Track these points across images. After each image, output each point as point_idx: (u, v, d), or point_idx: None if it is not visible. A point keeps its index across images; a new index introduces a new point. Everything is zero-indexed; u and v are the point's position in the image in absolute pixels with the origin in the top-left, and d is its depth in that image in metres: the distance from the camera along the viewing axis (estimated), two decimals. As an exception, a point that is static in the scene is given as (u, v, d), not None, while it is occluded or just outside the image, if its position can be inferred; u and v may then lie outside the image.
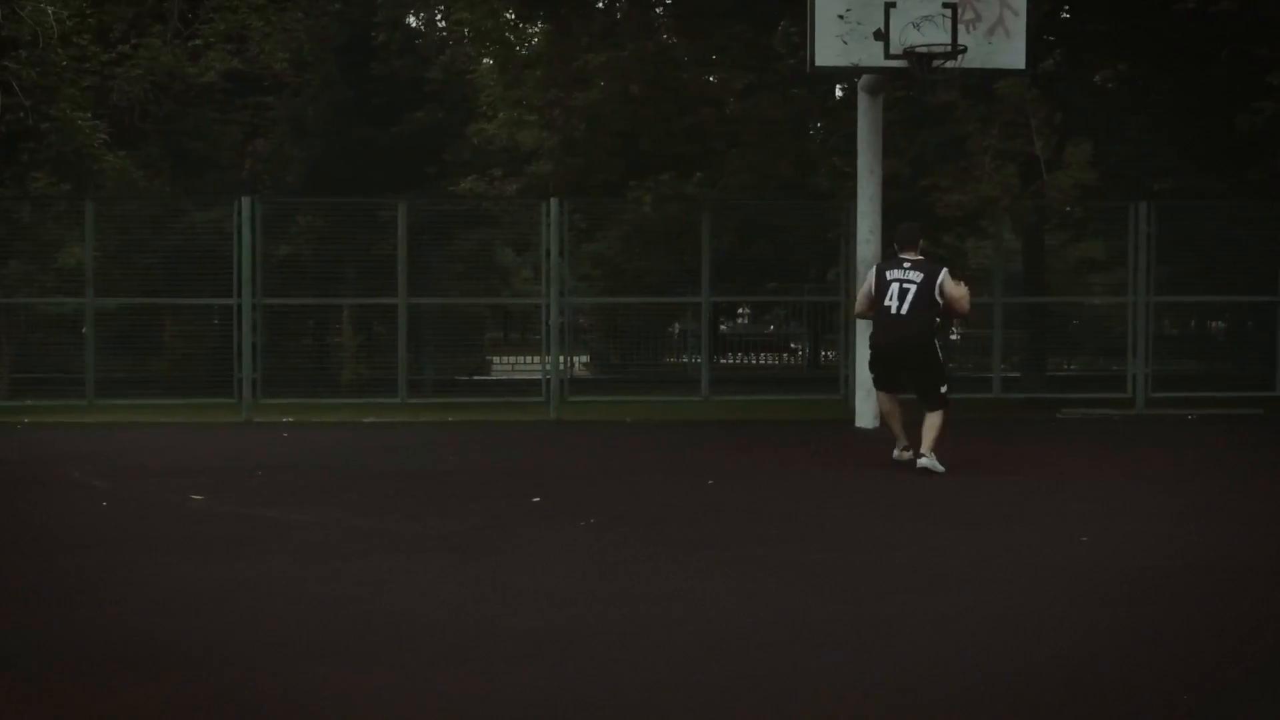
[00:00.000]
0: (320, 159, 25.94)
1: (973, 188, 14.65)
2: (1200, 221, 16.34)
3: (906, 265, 10.45)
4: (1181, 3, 14.73)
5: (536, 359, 17.13)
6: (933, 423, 10.28)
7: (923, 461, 10.19)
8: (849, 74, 13.16)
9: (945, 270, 10.47)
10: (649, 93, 15.23)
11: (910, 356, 10.50)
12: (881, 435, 13.04)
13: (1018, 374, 17.40)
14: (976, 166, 14.77)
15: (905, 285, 10.37)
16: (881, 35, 12.73)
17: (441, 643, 5.14)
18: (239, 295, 16.12)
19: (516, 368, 30.89)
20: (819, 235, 15.81)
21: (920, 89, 12.96)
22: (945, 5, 12.78)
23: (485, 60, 16.83)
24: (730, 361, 22.06)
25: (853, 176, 14.71)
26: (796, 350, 26.54)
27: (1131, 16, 16.68)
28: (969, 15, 12.84)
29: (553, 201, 15.63)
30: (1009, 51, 12.91)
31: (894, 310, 10.37)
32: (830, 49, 12.68)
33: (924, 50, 12.62)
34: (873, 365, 10.93)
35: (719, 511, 8.42)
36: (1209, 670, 4.87)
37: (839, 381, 16.29)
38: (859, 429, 14.13)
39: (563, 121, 15.67)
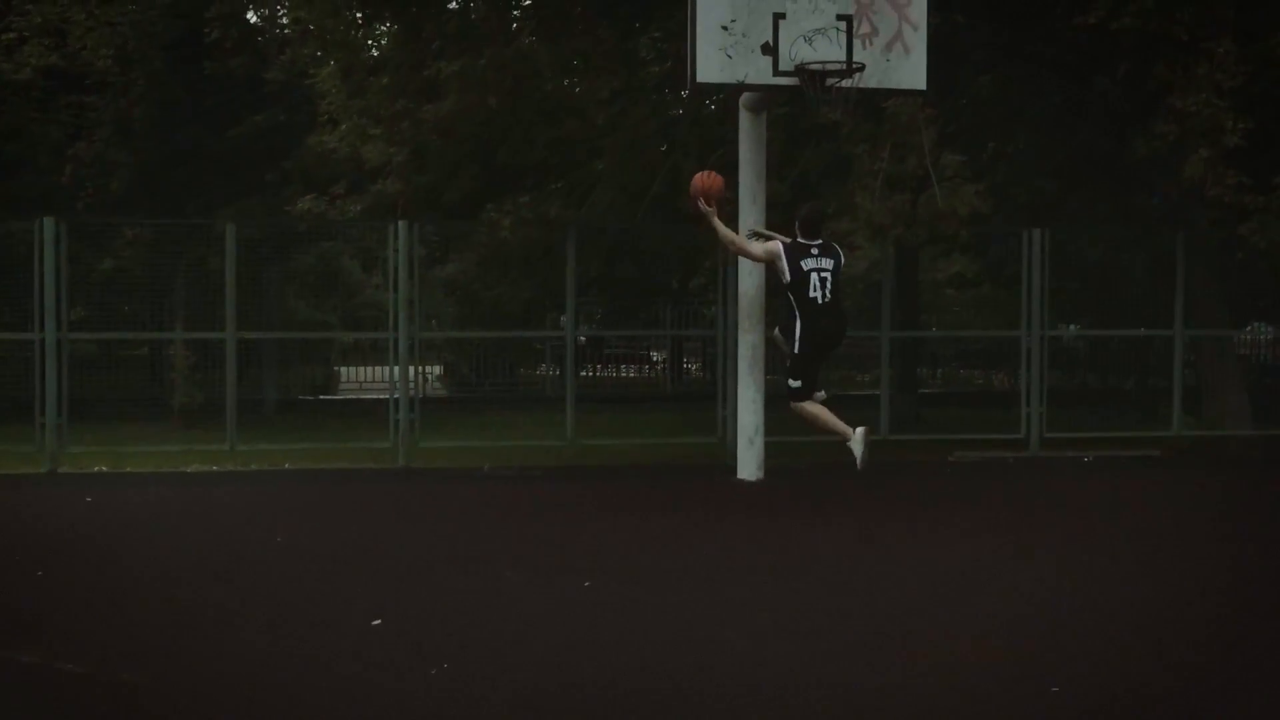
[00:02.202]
0: (148, 164, 23.92)
1: (861, 213, 13.43)
2: (1093, 250, 15.39)
3: (815, 252, 10.40)
4: (1081, 17, 13.70)
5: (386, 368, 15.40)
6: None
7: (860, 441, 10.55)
8: (733, 91, 11.76)
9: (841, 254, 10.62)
10: (508, 103, 13.72)
11: (838, 344, 10.94)
12: (766, 491, 11.88)
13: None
14: (864, 191, 13.55)
15: (823, 274, 10.36)
16: (770, 49, 11.40)
17: None
18: (40, 329, 14.17)
19: (364, 386, 29.24)
20: (694, 261, 14.52)
21: (813, 108, 11.63)
22: (839, 18, 11.50)
23: (328, 63, 15.07)
24: (589, 373, 20.51)
25: (732, 198, 13.40)
26: (658, 363, 25.22)
27: (1022, 28, 15.67)
28: (865, 29, 11.58)
29: (401, 224, 14.05)
30: (907, 69, 11.67)
31: (820, 300, 10.33)
32: (713, 63, 11.32)
33: (817, 67, 11.31)
34: (810, 364, 10.57)
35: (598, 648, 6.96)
36: None
37: (716, 422, 14.94)
38: (741, 481, 12.81)
39: (412, 134, 14.07)
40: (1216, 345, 15.84)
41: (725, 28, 11.33)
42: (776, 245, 10.66)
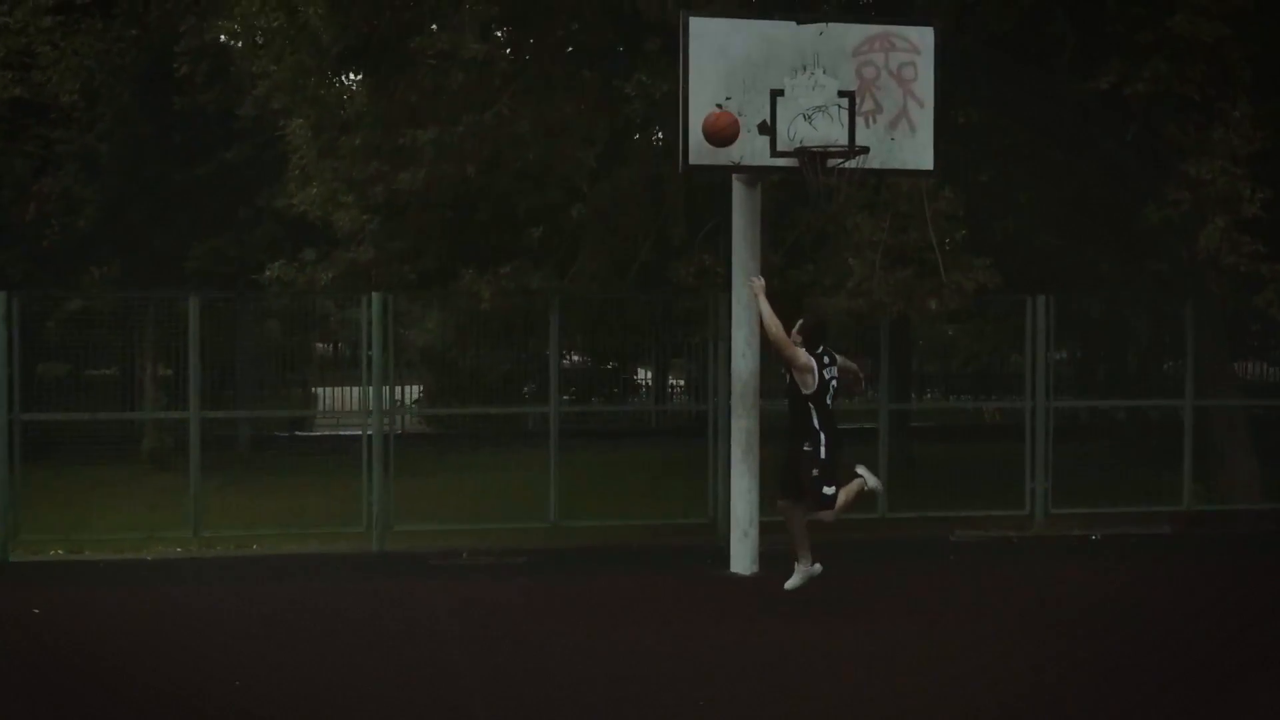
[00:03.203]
0: (116, 200, 23.13)
1: (860, 287, 12.75)
2: (1101, 317, 14.73)
3: (827, 361, 10.15)
4: (1091, 81, 13.02)
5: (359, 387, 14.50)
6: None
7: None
8: (727, 172, 11.04)
9: None
10: (488, 170, 13.00)
11: None
12: (761, 587, 11.32)
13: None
14: (863, 264, 12.86)
15: (833, 381, 10.20)
16: (768, 128, 10.70)
17: None
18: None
19: (342, 421, 28.40)
20: (683, 333, 13.85)
21: (813, 198, 10.92)
22: (841, 94, 10.80)
23: (296, 119, 14.29)
24: (571, 402, 19.63)
25: (723, 271, 12.75)
26: (640, 388, 24.47)
27: (1029, 89, 15.01)
28: (868, 106, 10.88)
29: (375, 296, 13.31)
30: (913, 149, 10.99)
31: (831, 406, 10.17)
32: (705, 144, 10.59)
33: (818, 149, 10.61)
34: (837, 469, 10.15)
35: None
36: None
37: (706, 502, 14.22)
38: (734, 575, 12.12)
39: (385, 199, 13.33)
40: (1226, 415, 15.20)
41: (720, 106, 10.61)
42: (811, 360, 10.04)
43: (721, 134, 10.39)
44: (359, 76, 13.39)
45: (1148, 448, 15.43)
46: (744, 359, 12.14)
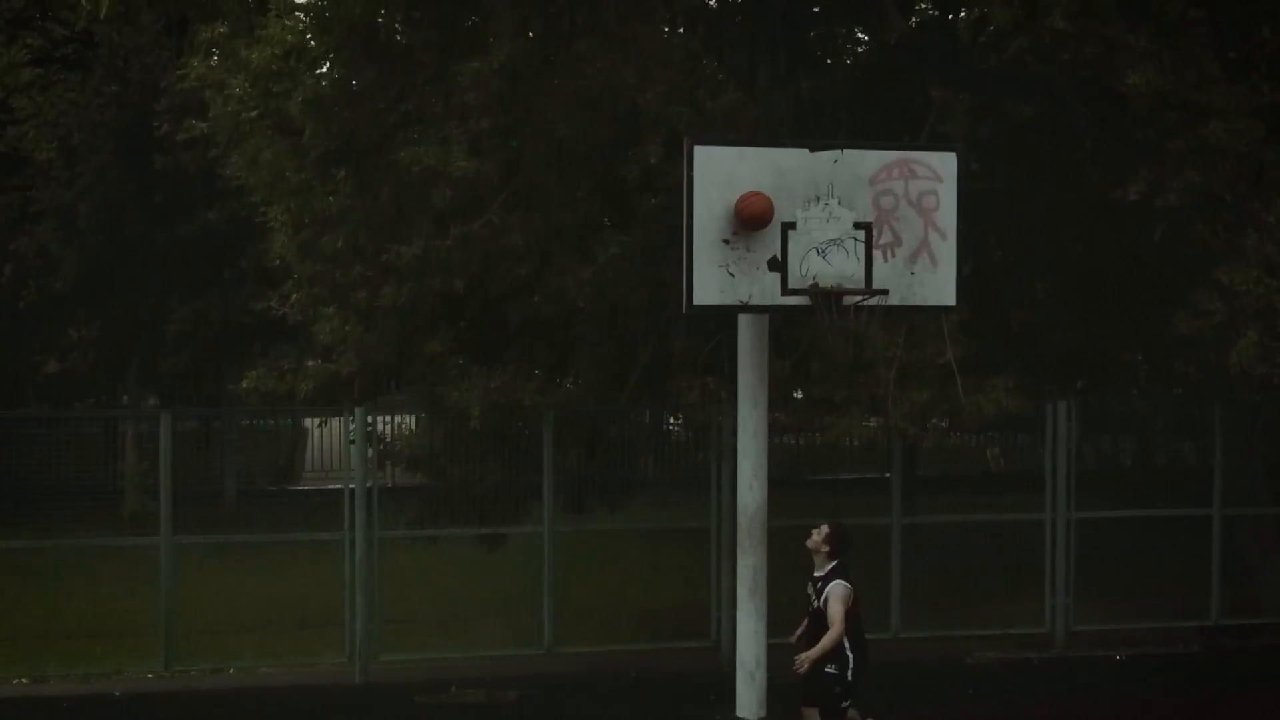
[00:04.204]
0: (95, 260, 22.36)
1: (871, 408, 12.01)
2: (1124, 419, 14.02)
3: (852, 576, 9.95)
4: (1119, 191, 12.26)
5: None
6: None
7: None
8: (735, 312, 10.26)
9: None
10: (478, 284, 12.24)
11: None
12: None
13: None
14: (876, 383, 12.11)
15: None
16: (778, 264, 9.90)
17: None
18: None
19: (329, 474, 27.67)
20: (685, 452, 13.14)
21: (828, 327, 10.16)
22: (857, 226, 10.01)
23: (275, 207, 13.47)
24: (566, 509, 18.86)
25: (727, 392, 12.00)
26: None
27: (1047, 174, 14.31)
28: (887, 238, 10.08)
29: (359, 411, 12.56)
30: (935, 284, 10.17)
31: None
32: (711, 282, 9.79)
33: (833, 288, 9.83)
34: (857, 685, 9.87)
35: None
36: None
37: (709, 623, 13.47)
38: (740, 721, 11.36)
39: (368, 306, 12.54)
40: (1255, 524, 14.46)
41: (727, 241, 9.82)
42: (842, 610, 9.78)
43: (758, 218, 9.64)
44: (340, 175, 12.53)
45: (1173, 553, 14.68)
46: (751, 491, 11.32)
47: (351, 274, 12.77)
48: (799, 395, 13.69)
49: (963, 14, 11.68)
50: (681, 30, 12.72)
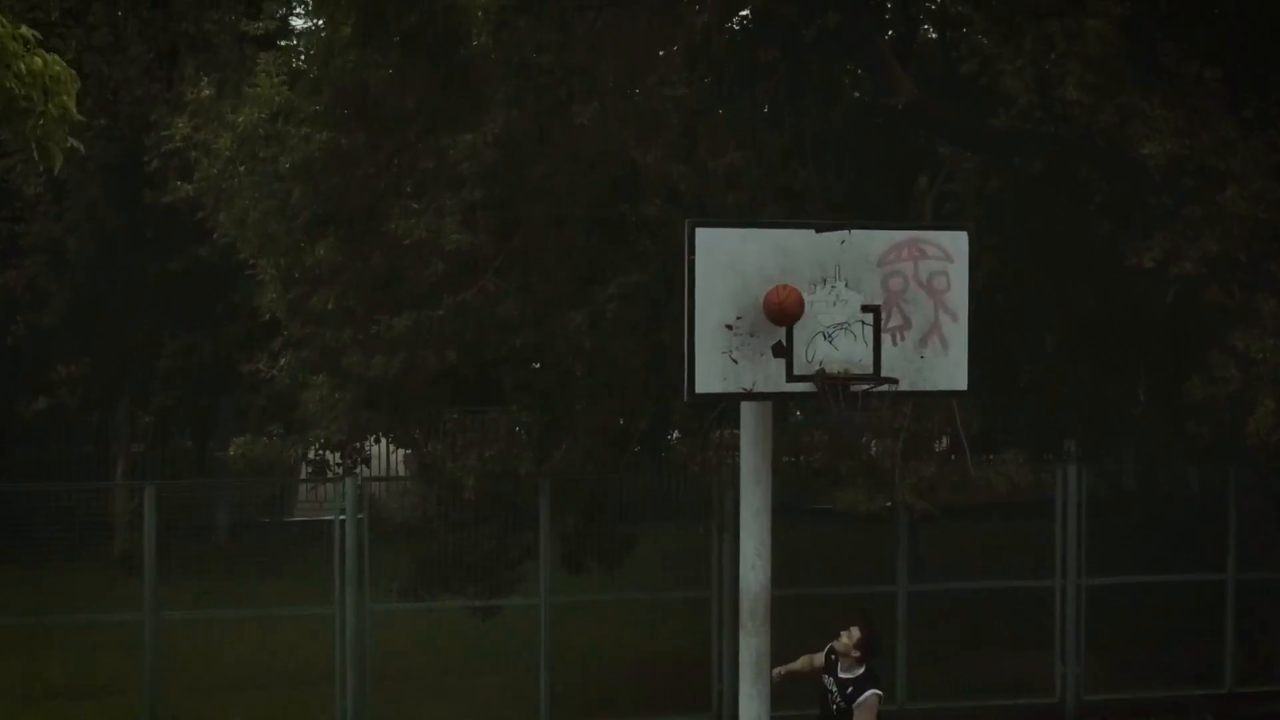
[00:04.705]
0: (85, 295, 21.98)
1: (877, 480, 11.65)
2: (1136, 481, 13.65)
3: (881, 679, 9.92)
4: (1134, 258, 11.88)
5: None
6: None
7: None
8: (739, 400, 9.88)
9: None
10: (472, 354, 11.87)
11: None
12: None
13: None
14: (882, 456, 11.75)
15: None
16: (784, 350, 9.52)
17: None
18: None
19: (325, 505, 27.26)
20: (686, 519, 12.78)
21: (835, 413, 9.78)
22: (865, 309, 9.64)
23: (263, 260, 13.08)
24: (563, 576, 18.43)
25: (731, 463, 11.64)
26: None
27: (1056, 225, 13.95)
28: (896, 321, 9.70)
29: (348, 483, 12.19)
30: (945, 367, 9.80)
31: None
32: (714, 370, 9.42)
33: (839, 374, 9.46)
34: None
35: None
36: None
37: (709, 697, 13.09)
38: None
39: (360, 371, 12.15)
40: (1271, 589, 14.09)
41: (729, 326, 9.45)
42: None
43: (789, 314, 9.26)
44: (330, 239, 12.14)
45: (1185, 618, 14.32)
46: (754, 570, 10.91)
47: (341, 338, 12.39)
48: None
49: (971, 74, 11.31)
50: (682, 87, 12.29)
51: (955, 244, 9.88)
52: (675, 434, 14.07)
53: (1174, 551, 14.32)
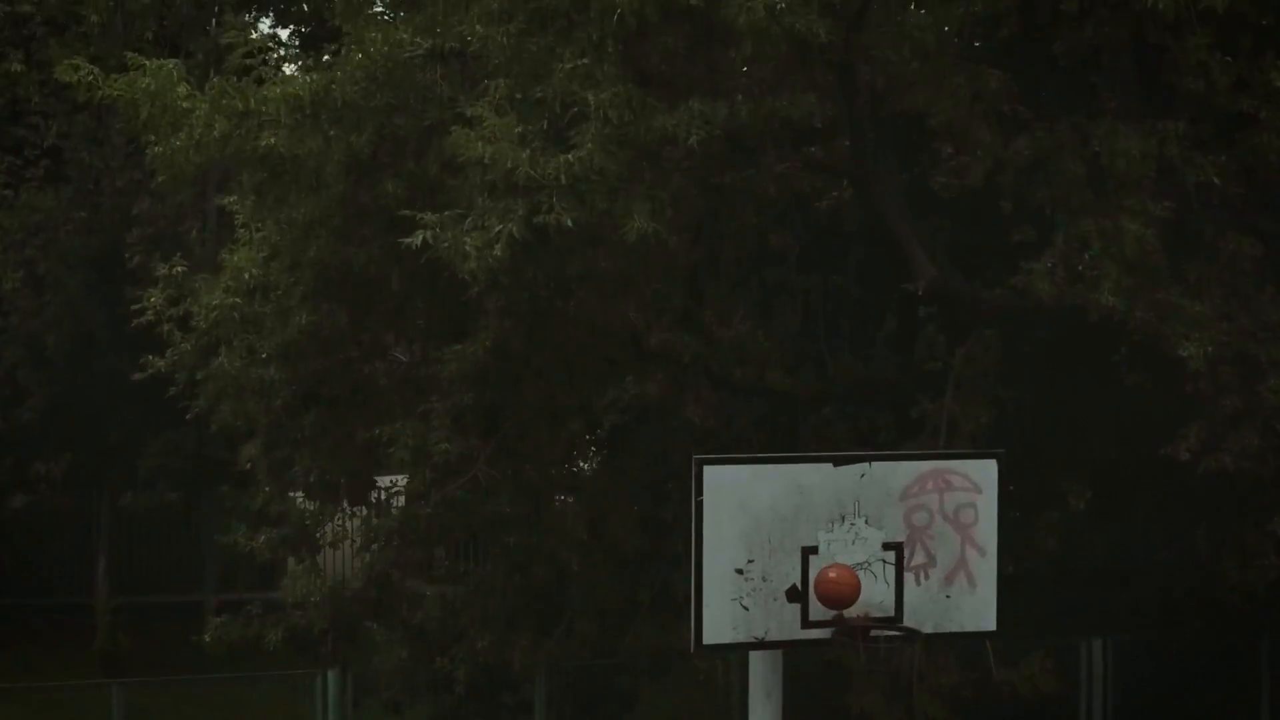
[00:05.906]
0: (65, 392, 21.27)
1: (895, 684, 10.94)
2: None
3: None
4: (1170, 447, 11.16)
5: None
6: None
7: None
8: (749, 649, 9.15)
9: None
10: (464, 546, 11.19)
11: None
12: None
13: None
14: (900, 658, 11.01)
15: None
16: (799, 594, 8.81)
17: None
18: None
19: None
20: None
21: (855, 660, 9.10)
22: (886, 547, 8.93)
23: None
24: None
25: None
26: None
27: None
28: (919, 559, 9.01)
29: (330, 677, 11.46)
30: (973, 607, 9.12)
31: None
32: (723, 618, 8.74)
33: (859, 617, 8.75)
34: None
35: None
36: None
37: None
38: None
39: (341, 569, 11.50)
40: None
41: (740, 571, 8.74)
42: None
43: (846, 599, 8.59)
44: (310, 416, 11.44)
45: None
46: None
47: (322, 519, 11.71)
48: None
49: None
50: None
51: (984, 474, 9.21)
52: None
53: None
